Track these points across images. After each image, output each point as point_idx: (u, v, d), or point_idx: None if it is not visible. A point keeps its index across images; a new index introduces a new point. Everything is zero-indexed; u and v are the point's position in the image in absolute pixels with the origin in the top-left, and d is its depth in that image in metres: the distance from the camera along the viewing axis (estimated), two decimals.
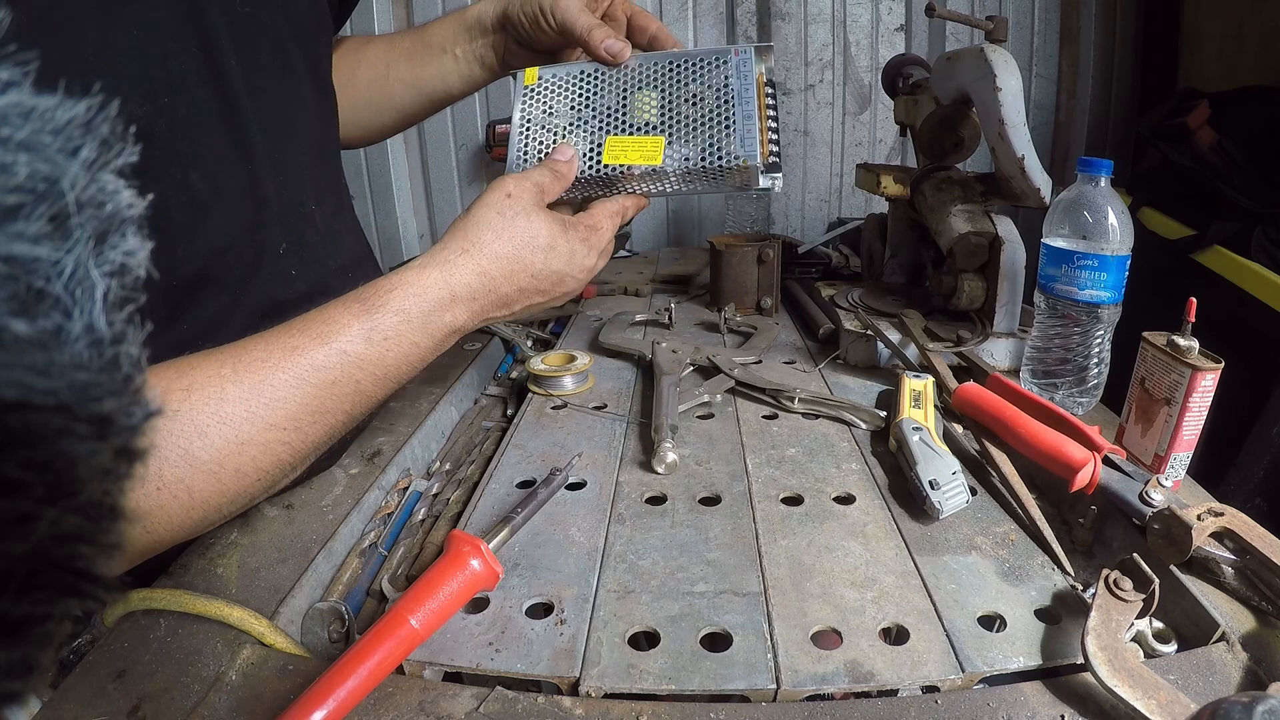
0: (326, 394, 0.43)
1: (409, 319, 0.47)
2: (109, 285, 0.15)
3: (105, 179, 0.15)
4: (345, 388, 0.44)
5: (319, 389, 0.43)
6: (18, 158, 0.14)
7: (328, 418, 0.44)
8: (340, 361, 0.44)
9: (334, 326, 0.44)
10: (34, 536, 0.14)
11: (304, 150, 0.59)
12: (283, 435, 0.42)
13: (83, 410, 0.14)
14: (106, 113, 0.15)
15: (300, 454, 0.44)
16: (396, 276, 0.48)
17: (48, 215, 0.14)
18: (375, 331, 0.45)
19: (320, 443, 0.45)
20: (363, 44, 0.76)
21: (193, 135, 0.48)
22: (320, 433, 0.44)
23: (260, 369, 0.41)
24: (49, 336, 0.14)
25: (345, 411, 0.45)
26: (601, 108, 0.61)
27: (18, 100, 0.14)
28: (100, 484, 0.15)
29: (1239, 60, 1.42)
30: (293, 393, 0.42)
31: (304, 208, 0.58)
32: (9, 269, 0.13)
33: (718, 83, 0.60)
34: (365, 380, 0.45)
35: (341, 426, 0.46)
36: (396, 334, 0.46)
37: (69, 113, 0.15)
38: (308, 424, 0.43)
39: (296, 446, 0.43)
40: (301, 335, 0.43)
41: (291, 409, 0.42)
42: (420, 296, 0.47)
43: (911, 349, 0.78)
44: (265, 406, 0.41)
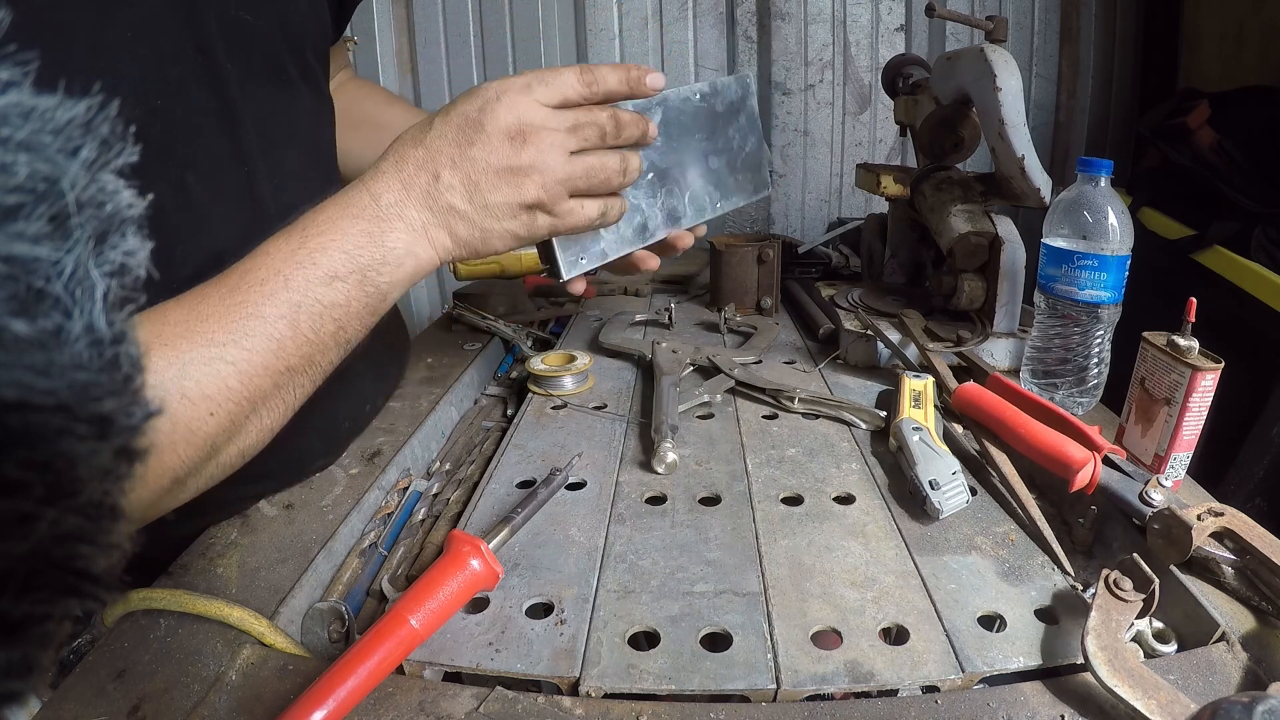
0: (257, 294, 0.42)
1: (335, 224, 0.46)
2: (109, 285, 0.15)
3: (105, 179, 0.15)
4: (274, 286, 0.42)
5: (247, 291, 0.42)
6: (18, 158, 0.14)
7: (267, 327, 0.42)
8: (264, 262, 0.43)
9: (267, 247, 0.44)
10: (34, 536, 0.14)
11: (296, 155, 0.59)
12: (222, 353, 0.40)
13: (83, 410, 0.14)
14: (106, 113, 0.15)
15: (253, 384, 0.41)
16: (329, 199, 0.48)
17: (48, 215, 0.14)
18: (303, 247, 0.44)
19: (275, 371, 0.42)
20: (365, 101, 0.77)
21: (189, 137, 0.48)
22: (267, 352, 0.42)
23: (197, 294, 0.41)
24: (49, 336, 0.14)
25: (290, 326, 0.43)
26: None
27: (18, 100, 0.14)
28: (100, 484, 0.15)
29: (1239, 60, 1.42)
30: (218, 307, 0.41)
31: (298, 212, 0.58)
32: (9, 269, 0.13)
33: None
34: (308, 304, 0.43)
35: (297, 352, 0.43)
36: (324, 247, 0.45)
37: (69, 113, 0.15)
38: (251, 342, 0.41)
39: (241, 368, 0.40)
40: (238, 275, 0.43)
41: (228, 325, 0.40)
42: (344, 203, 0.47)
43: (911, 349, 0.78)
44: (201, 320, 0.40)
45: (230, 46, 0.51)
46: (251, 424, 0.43)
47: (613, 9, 1.65)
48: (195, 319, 0.40)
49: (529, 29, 1.65)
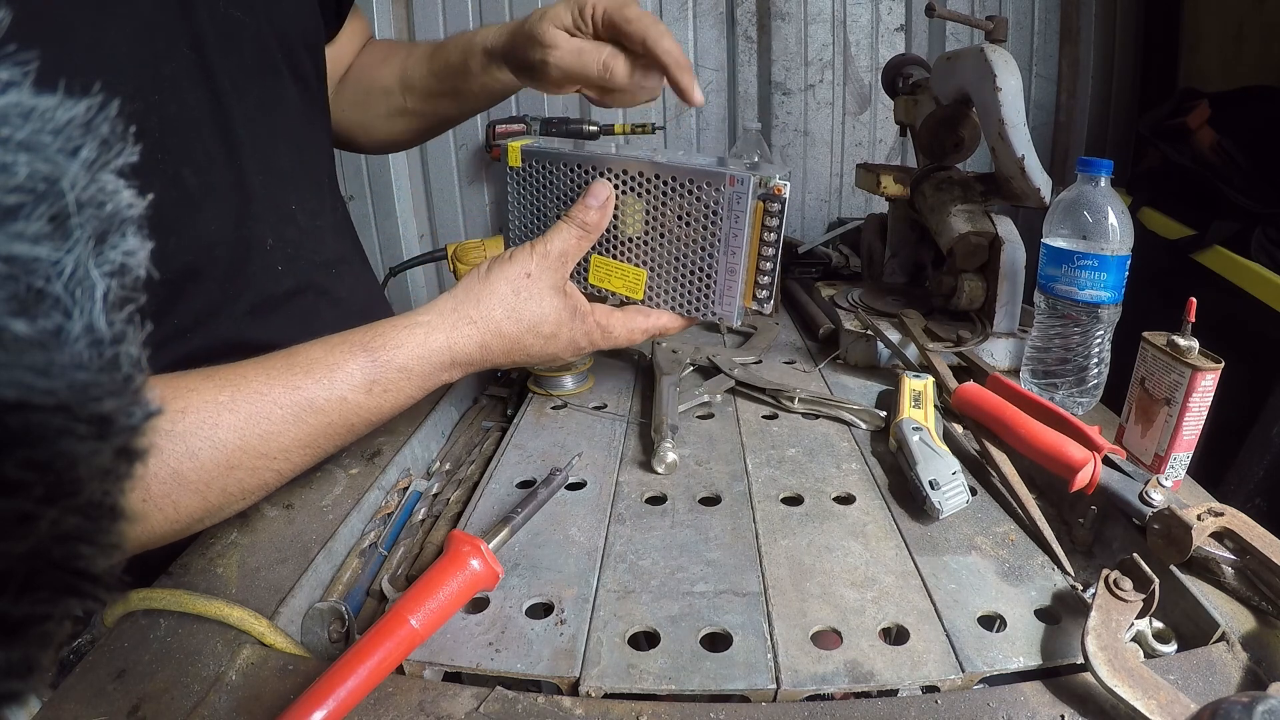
0: (320, 433, 0.45)
1: (410, 375, 0.49)
2: (109, 285, 0.15)
3: (105, 179, 0.15)
4: (339, 428, 0.46)
5: (314, 428, 0.44)
6: (18, 158, 0.14)
7: (317, 450, 0.46)
8: (339, 407, 0.45)
9: (338, 373, 0.46)
10: (34, 536, 0.14)
11: (285, 150, 0.60)
12: (272, 464, 0.43)
13: (83, 410, 0.14)
14: (106, 113, 0.15)
15: (286, 478, 0.45)
16: (405, 333, 0.49)
17: (48, 215, 0.14)
18: (376, 384, 0.47)
19: (306, 468, 0.47)
20: (387, 51, 0.77)
21: (184, 133, 0.49)
22: (308, 461, 0.46)
23: (259, 401, 0.42)
24: (49, 336, 0.14)
25: (335, 445, 0.47)
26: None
27: (18, 100, 0.14)
28: (100, 484, 0.15)
29: (1239, 60, 1.42)
30: (287, 428, 0.43)
31: (285, 206, 0.59)
32: (9, 269, 0.13)
33: (707, 211, 0.55)
34: (359, 423, 0.48)
35: (328, 455, 0.48)
36: (396, 388, 0.48)
37: (69, 113, 0.15)
38: (297, 455, 0.45)
39: (284, 473, 0.45)
40: (305, 376, 0.44)
41: (284, 442, 0.43)
42: (424, 359, 0.49)
43: (911, 349, 0.78)
44: (259, 438, 0.42)
45: (222, 44, 0.52)
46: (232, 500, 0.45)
47: None
48: (254, 435, 0.43)
49: None
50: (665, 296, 0.59)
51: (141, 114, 0.46)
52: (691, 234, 0.57)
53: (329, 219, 0.67)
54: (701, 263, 0.57)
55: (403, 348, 0.48)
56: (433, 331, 0.50)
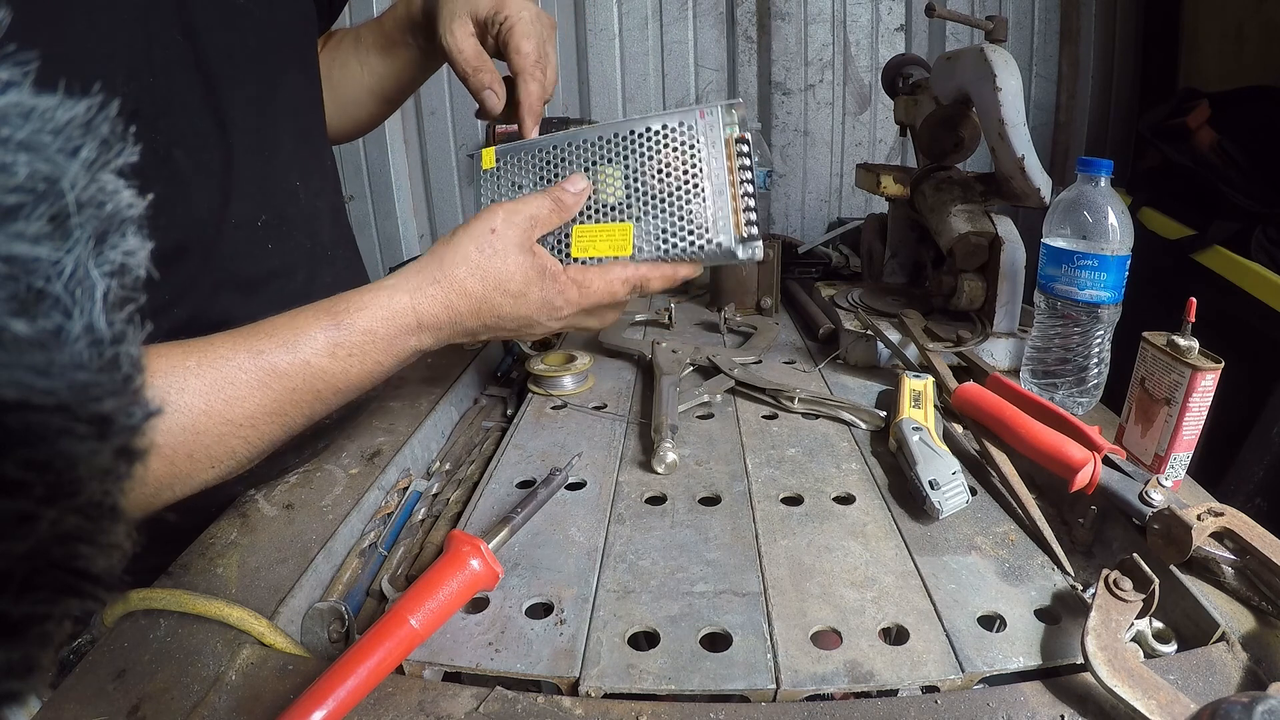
0: (286, 399, 0.44)
1: (374, 339, 0.48)
2: (109, 285, 0.15)
3: (105, 179, 0.15)
4: (305, 395, 0.46)
5: (279, 394, 0.44)
6: (18, 158, 0.14)
7: (285, 419, 0.45)
8: (303, 371, 0.45)
9: (301, 336, 0.45)
10: (34, 536, 0.14)
11: (286, 130, 0.60)
12: (238, 430, 0.43)
13: (83, 410, 0.14)
14: (106, 113, 0.15)
15: (256, 448, 0.45)
16: (369, 295, 0.49)
17: (48, 215, 0.14)
18: (340, 347, 0.46)
19: (277, 440, 0.46)
20: (337, 41, 0.77)
21: (175, 114, 0.49)
22: (277, 432, 0.45)
23: (223, 366, 0.42)
24: (49, 336, 0.14)
25: (304, 415, 0.47)
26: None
27: (18, 100, 0.14)
28: (100, 484, 0.15)
29: (1239, 60, 1.42)
30: (252, 394, 0.43)
31: (287, 184, 0.59)
32: (9, 269, 0.13)
33: (684, 152, 0.56)
34: (325, 390, 0.47)
35: (299, 427, 0.47)
36: (361, 351, 0.48)
37: (69, 113, 0.15)
38: (264, 423, 0.44)
39: (252, 441, 0.44)
40: (268, 340, 0.44)
41: (249, 408, 0.43)
42: (388, 320, 0.49)
43: (911, 349, 0.78)
44: (224, 403, 0.42)
45: (219, 31, 0.52)
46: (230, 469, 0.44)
47: (613, 9, 1.65)
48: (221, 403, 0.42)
49: None
50: (654, 248, 0.58)
51: (135, 95, 0.46)
52: (673, 181, 0.57)
53: (329, 200, 0.67)
54: (688, 201, 0.57)
55: (366, 309, 0.48)
56: (396, 292, 0.50)
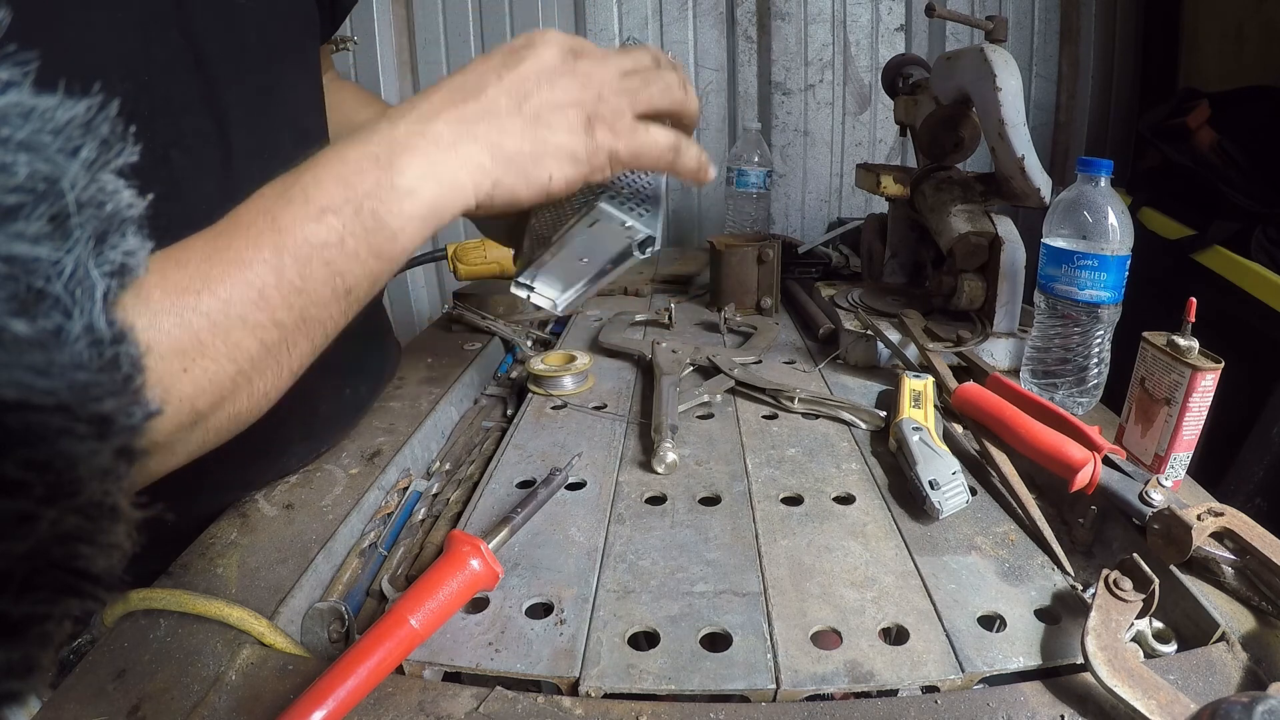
0: (241, 238, 0.37)
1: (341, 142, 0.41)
2: (109, 285, 0.15)
3: (105, 179, 0.15)
4: (261, 227, 0.37)
5: (232, 235, 0.37)
6: (18, 158, 0.14)
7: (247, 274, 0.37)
8: (256, 204, 0.38)
9: (262, 190, 0.39)
10: (34, 536, 0.14)
11: (286, 131, 0.59)
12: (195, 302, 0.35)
13: (83, 410, 0.14)
14: (106, 113, 0.15)
15: (231, 338, 0.36)
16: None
17: (48, 215, 0.14)
18: (296, 168, 0.39)
19: (258, 325, 0.37)
20: (364, 98, 0.76)
21: (173, 114, 0.49)
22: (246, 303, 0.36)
23: (184, 243, 0.37)
24: (49, 336, 0.14)
25: (273, 271, 0.37)
26: None
27: (18, 100, 0.14)
28: (100, 484, 0.15)
29: (1239, 60, 1.42)
30: (198, 254, 0.36)
31: None
32: (9, 269, 0.13)
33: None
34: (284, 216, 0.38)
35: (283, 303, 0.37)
36: (314, 159, 0.39)
37: (69, 113, 0.15)
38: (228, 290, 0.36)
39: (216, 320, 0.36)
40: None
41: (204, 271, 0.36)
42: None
43: (911, 349, 0.78)
44: (178, 267, 0.35)
45: (220, 31, 0.52)
46: (239, 386, 0.37)
47: (613, 9, 1.65)
48: (173, 265, 0.35)
49: (529, 29, 1.65)
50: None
51: (133, 95, 0.46)
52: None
53: None
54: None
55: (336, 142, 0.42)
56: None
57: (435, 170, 0.40)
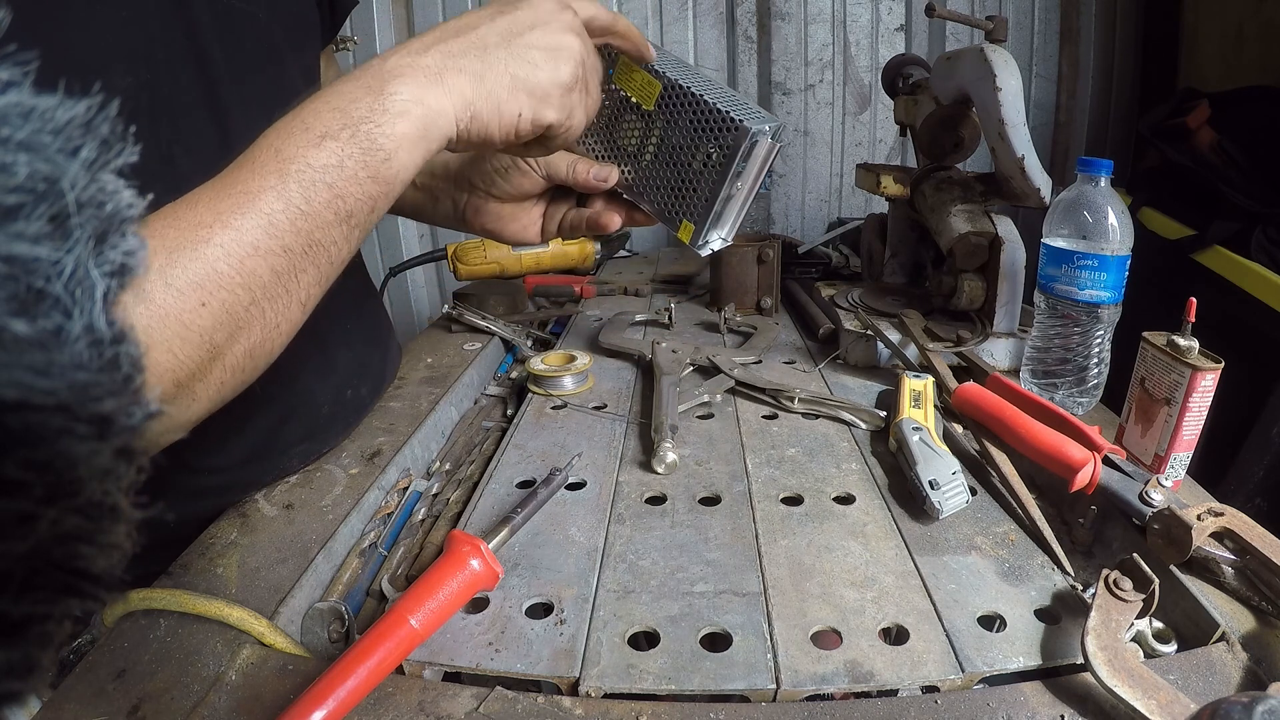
0: (248, 171, 0.39)
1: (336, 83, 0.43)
2: (109, 285, 0.15)
3: (105, 179, 0.15)
4: (265, 158, 0.39)
5: (238, 170, 0.39)
6: (18, 158, 0.14)
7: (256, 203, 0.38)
8: (261, 141, 0.40)
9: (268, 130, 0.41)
10: (34, 536, 0.14)
11: None
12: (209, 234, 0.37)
13: (83, 410, 0.14)
14: (106, 113, 0.15)
15: (245, 267, 0.37)
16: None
17: (48, 215, 0.14)
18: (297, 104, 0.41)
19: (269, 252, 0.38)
20: None
21: (176, 114, 0.49)
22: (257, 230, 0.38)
23: (197, 189, 0.38)
24: (49, 336, 0.14)
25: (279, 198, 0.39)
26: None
27: (18, 100, 0.14)
28: (100, 484, 0.15)
29: (1239, 60, 1.42)
30: (209, 192, 0.38)
31: None
32: (9, 269, 0.13)
33: (716, 145, 0.55)
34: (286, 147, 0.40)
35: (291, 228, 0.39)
36: (314, 94, 0.42)
37: (69, 113, 0.15)
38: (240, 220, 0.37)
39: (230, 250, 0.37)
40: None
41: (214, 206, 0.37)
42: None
43: (911, 349, 0.78)
44: (189, 206, 0.37)
45: (221, 33, 0.52)
46: (253, 317, 0.39)
47: (613, 9, 1.65)
48: (184, 206, 0.37)
49: None
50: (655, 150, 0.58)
51: (133, 94, 0.45)
52: (685, 153, 0.57)
53: None
54: (682, 178, 0.57)
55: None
56: None
57: (422, 94, 0.42)
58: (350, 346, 0.66)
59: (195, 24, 0.50)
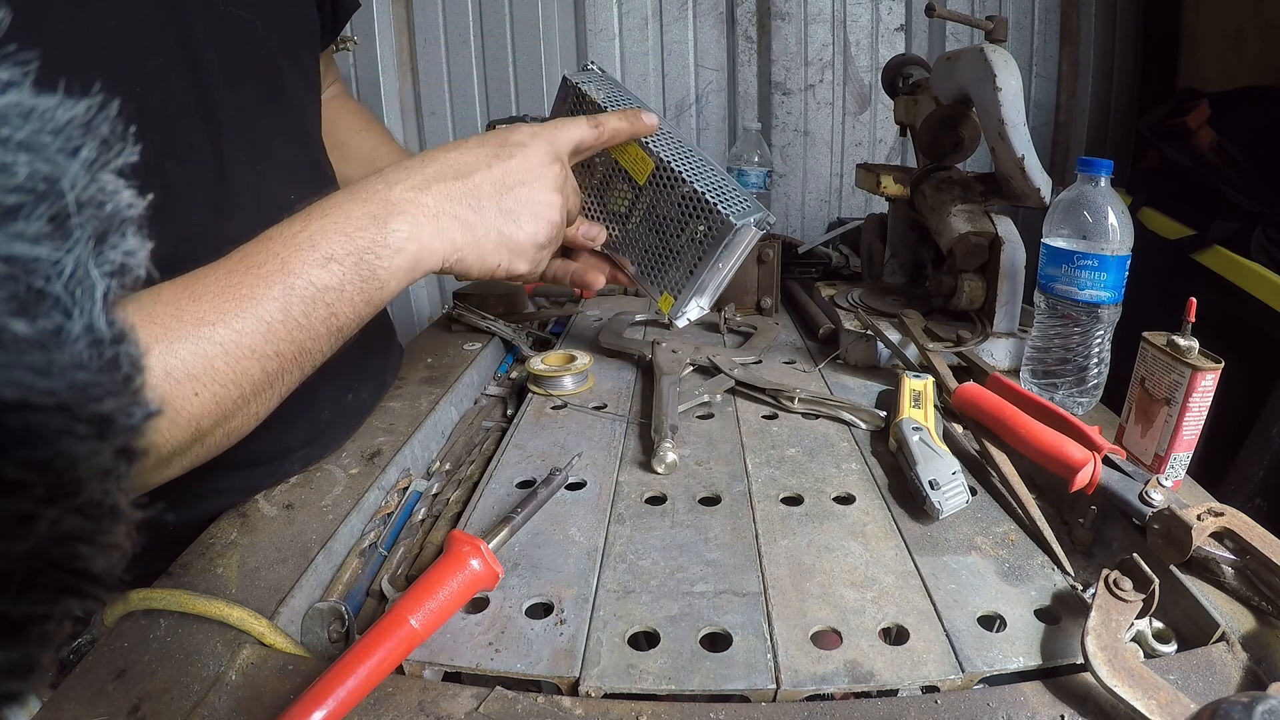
0: (253, 277, 0.42)
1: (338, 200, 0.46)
2: (109, 285, 0.15)
3: (105, 179, 0.15)
4: (271, 269, 0.42)
5: (244, 274, 0.42)
6: (18, 158, 0.14)
7: (258, 309, 0.41)
8: (265, 246, 0.43)
9: (269, 233, 0.44)
10: (34, 536, 0.14)
11: (285, 143, 0.59)
12: (210, 333, 0.40)
13: (83, 410, 0.14)
14: (106, 113, 0.15)
15: (240, 367, 0.40)
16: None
17: (48, 215, 0.14)
18: (301, 214, 0.45)
19: (264, 356, 0.42)
20: (365, 121, 0.79)
21: (167, 125, 0.49)
22: (256, 335, 0.41)
23: (195, 275, 0.41)
24: (49, 336, 0.14)
25: (281, 309, 0.42)
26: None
27: (18, 100, 0.14)
28: (100, 484, 0.15)
29: (1239, 60, 1.42)
30: (213, 288, 0.41)
31: (282, 197, 0.59)
32: (9, 269, 0.13)
33: (701, 228, 0.61)
34: (293, 261, 0.43)
35: (287, 337, 0.42)
36: (318, 208, 0.45)
37: (69, 113, 0.15)
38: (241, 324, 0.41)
39: (229, 349, 0.40)
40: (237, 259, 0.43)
41: (219, 306, 0.40)
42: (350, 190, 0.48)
43: (911, 349, 0.78)
44: (193, 300, 0.40)
45: (217, 41, 0.52)
46: (239, 409, 0.42)
47: (613, 9, 1.65)
48: (188, 298, 0.40)
49: (529, 29, 1.65)
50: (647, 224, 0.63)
51: (123, 104, 0.46)
52: (673, 234, 0.63)
53: None
54: (667, 255, 0.63)
55: (336, 193, 0.48)
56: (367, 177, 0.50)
57: (418, 233, 0.47)
58: (352, 350, 0.66)
59: (190, 33, 0.50)
